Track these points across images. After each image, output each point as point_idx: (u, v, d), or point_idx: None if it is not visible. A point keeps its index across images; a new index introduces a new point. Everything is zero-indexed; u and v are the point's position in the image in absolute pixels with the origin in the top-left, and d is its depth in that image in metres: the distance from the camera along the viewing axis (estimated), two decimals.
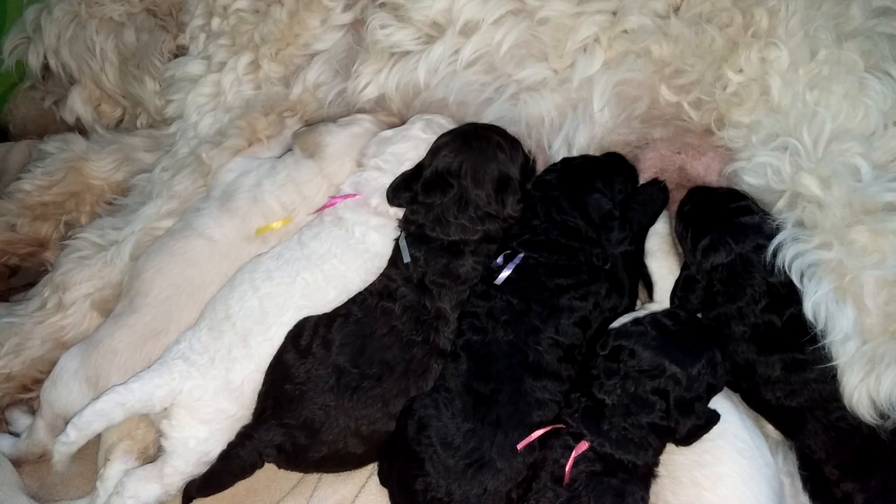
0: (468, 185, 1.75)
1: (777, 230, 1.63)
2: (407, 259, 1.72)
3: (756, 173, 1.70)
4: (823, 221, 1.57)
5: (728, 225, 1.67)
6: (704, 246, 1.68)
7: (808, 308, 1.54)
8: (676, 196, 1.84)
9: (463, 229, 1.73)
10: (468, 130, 1.84)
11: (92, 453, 1.73)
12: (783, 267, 1.58)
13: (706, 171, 1.83)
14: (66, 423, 1.64)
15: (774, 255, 1.60)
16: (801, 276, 1.57)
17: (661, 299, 1.76)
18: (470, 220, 1.74)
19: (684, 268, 1.74)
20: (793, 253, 1.58)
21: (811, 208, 1.60)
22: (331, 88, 2.08)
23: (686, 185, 1.86)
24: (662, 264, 1.79)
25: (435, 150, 1.80)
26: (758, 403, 1.64)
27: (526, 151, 1.86)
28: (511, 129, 1.88)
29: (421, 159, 1.82)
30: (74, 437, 1.60)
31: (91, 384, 1.73)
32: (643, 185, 1.86)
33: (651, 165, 1.87)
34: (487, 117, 1.93)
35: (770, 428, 1.65)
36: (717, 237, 1.66)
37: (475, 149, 1.77)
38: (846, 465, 1.52)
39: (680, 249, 1.80)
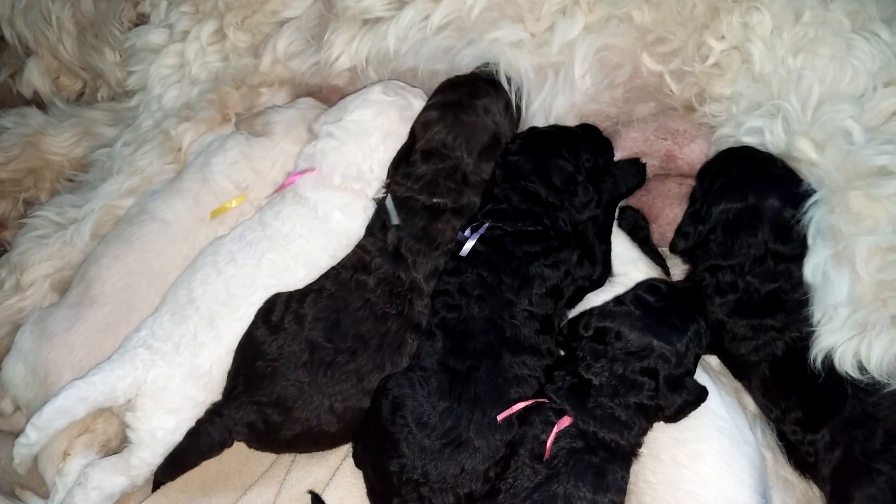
0: (462, 156, 1.72)
1: (804, 191, 1.60)
2: (396, 220, 1.68)
3: (749, 135, 1.67)
4: (826, 184, 1.55)
5: (753, 169, 1.63)
6: (721, 184, 1.64)
7: (808, 270, 1.52)
8: (654, 183, 1.83)
9: (448, 192, 1.70)
10: (456, 102, 1.78)
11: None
12: (804, 226, 1.56)
13: (693, 158, 1.80)
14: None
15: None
16: (815, 236, 1.54)
17: (623, 271, 1.72)
18: (458, 185, 1.71)
19: (691, 204, 1.70)
20: (813, 213, 1.55)
21: (813, 171, 1.58)
22: (303, 59, 2.01)
23: (674, 170, 1.83)
24: (616, 242, 1.75)
25: (426, 126, 1.75)
26: (722, 355, 1.65)
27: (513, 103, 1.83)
28: None
29: (392, 125, 1.78)
30: (35, 437, 1.54)
31: (39, 377, 1.67)
32: (621, 160, 1.82)
33: (633, 145, 1.83)
34: None
35: (749, 402, 1.64)
36: (737, 178, 1.63)
37: (467, 124, 1.74)
38: (799, 419, 1.51)
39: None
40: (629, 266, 1.72)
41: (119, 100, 2.26)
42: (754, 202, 1.60)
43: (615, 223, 1.79)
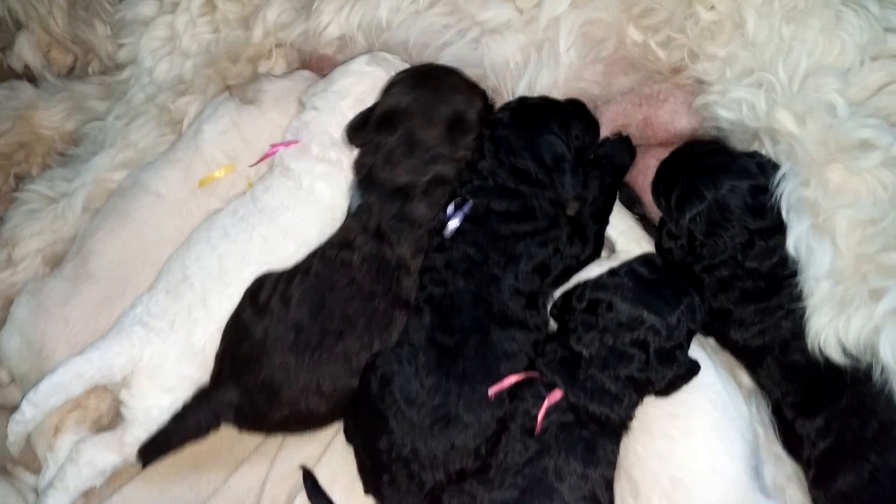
0: (417, 124, 1.68)
1: (759, 164, 1.60)
2: (356, 204, 1.67)
3: (730, 108, 1.65)
4: (801, 158, 1.53)
5: (694, 171, 1.63)
6: (677, 198, 1.63)
7: (791, 243, 1.51)
8: (639, 153, 1.81)
9: (412, 170, 1.66)
10: (423, 69, 1.78)
11: None
12: (776, 201, 1.55)
13: (672, 116, 1.78)
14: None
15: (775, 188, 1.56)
16: (788, 210, 1.53)
17: (625, 248, 1.72)
18: (419, 160, 1.67)
19: (661, 223, 1.70)
20: (783, 187, 1.54)
21: (788, 144, 1.56)
22: (294, 29, 1.99)
23: (652, 137, 1.81)
24: (619, 220, 1.75)
25: (387, 89, 1.74)
26: (725, 341, 1.63)
27: (487, 98, 1.79)
28: (473, 73, 1.81)
29: (365, 94, 1.77)
30: (31, 414, 1.54)
31: (34, 349, 1.66)
32: (607, 139, 1.79)
33: (614, 120, 1.81)
34: (446, 59, 1.85)
35: (744, 378, 1.63)
36: (686, 185, 1.62)
37: (427, 87, 1.71)
38: (796, 403, 1.51)
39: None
40: (633, 244, 1.72)
41: (110, 74, 2.24)
42: (714, 196, 1.58)
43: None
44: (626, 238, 1.73)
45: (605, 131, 1.80)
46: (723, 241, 1.57)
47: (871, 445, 1.41)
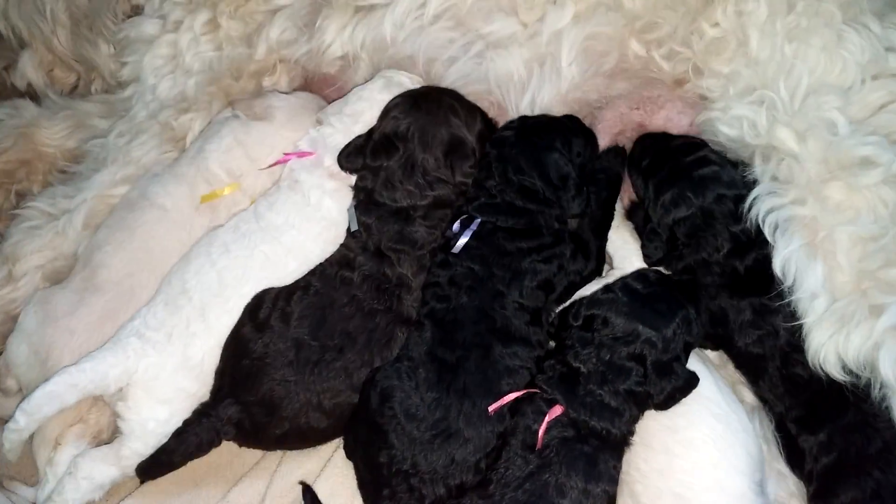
0: (415, 148, 1.69)
1: (742, 176, 1.62)
2: (354, 227, 1.67)
3: (731, 125, 1.66)
4: (798, 176, 1.54)
5: (688, 180, 1.65)
6: (665, 202, 1.66)
7: (778, 263, 1.52)
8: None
9: (410, 195, 1.68)
10: (420, 93, 1.78)
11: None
12: (756, 220, 1.56)
13: (666, 124, 1.80)
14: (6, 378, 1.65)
15: (749, 208, 1.58)
16: (775, 230, 1.54)
17: (621, 266, 1.72)
18: (417, 185, 1.68)
19: (646, 220, 1.71)
20: (767, 207, 1.56)
21: (787, 162, 1.57)
22: (297, 47, 2.00)
23: None
24: (616, 236, 1.76)
25: (385, 113, 1.75)
26: (730, 350, 1.63)
27: (487, 118, 1.80)
28: (477, 88, 1.83)
29: (373, 120, 1.77)
30: (24, 422, 1.54)
31: (40, 358, 1.66)
32: (603, 152, 1.81)
33: (610, 126, 1.83)
34: (453, 75, 1.87)
35: (746, 394, 1.63)
36: (679, 193, 1.64)
37: (424, 111, 1.72)
38: (800, 418, 1.51)
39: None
40: (626, 261, 1.73)
41: (113, 92, 2.25)
42: (701, 204, 1.62)
43: (625, 216, 1.80)
44: (623, 253, 1.74)
45: (602, 138, 1.82)
46: (706, 241, 1.60)
47: (874, 462, 1.41)
